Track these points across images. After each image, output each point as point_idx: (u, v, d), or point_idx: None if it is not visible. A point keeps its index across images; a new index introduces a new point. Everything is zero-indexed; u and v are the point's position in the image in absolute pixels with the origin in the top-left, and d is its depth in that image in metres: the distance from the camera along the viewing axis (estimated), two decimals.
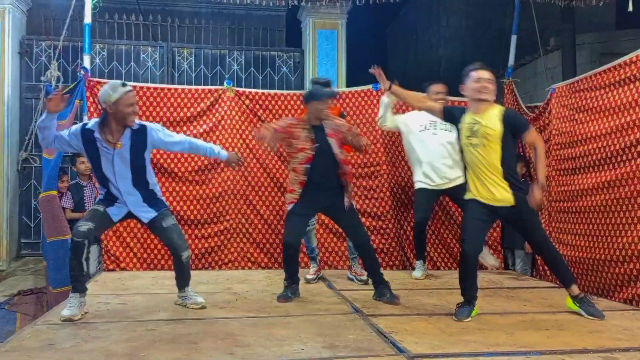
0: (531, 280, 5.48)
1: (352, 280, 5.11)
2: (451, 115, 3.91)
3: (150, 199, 3.85)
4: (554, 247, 4.11)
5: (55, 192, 5.43)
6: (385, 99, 5.24)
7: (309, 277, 5.06)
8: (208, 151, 4.04)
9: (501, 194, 3.67)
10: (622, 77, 4.63)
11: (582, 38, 8.37)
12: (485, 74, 3.74)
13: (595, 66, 6.86)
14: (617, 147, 4.61)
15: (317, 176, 4.18)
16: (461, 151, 3.87)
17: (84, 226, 3.60)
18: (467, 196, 3.82)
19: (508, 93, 6.53)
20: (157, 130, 3.84)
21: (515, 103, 6.45)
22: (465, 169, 3.89)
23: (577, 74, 6.52)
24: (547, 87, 5.99)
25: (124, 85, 3.67)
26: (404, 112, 5.75)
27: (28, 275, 6.96)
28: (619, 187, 4.57)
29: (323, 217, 5.89)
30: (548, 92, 5.77)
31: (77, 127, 3.77)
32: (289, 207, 4.27)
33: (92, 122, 3.76)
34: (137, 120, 3.78)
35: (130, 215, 3.84)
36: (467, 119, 3.75)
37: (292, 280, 4.35)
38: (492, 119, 3.67)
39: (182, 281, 4.00)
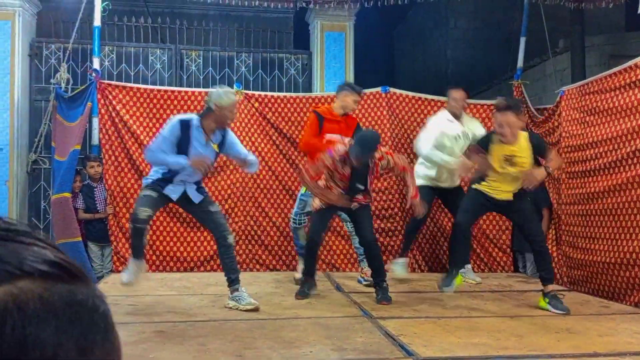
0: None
1: (360, 282, 5.09)
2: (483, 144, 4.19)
3: (201, 186, 4.24)
4: (546, 244, 4.48)
5: (68, 194, 5.45)
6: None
7: (300, 276, 4.89)
8: (254, 167, 4.40)
9: (508, 194, 4.13)
10: (633, 79, 4.60)
11: (592, 40, 8.31)
12: (512, 120, 4.00)
13: (604, 68, 6.82)
14: (628, 149, 4.58)
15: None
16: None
17: (145, 213, 3.97)
18: (475, 186, 4.20)
19: (517, 95, 6.50)
20: (233, 136, 4.26)
21: (524, 105, 6.42)
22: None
23: (587, 76, 6.48)
24: (556, 89, 5.96)
25: (234, 94, 4.14)
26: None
27: None
28: (630, 190, 4.53)
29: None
30: (557, 95, 5.74)
31: (175, 123, 3.96)
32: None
33: (193, 117, 4.03)
34: None
35: (182, 196, 4.09)
36: (498, 149, 4.03)
37: (310, 276, 4.42)
38: (522, 148, 4.03)
39: (234, 271, 4.09)
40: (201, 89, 6.16)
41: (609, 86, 4.90)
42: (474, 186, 4.25)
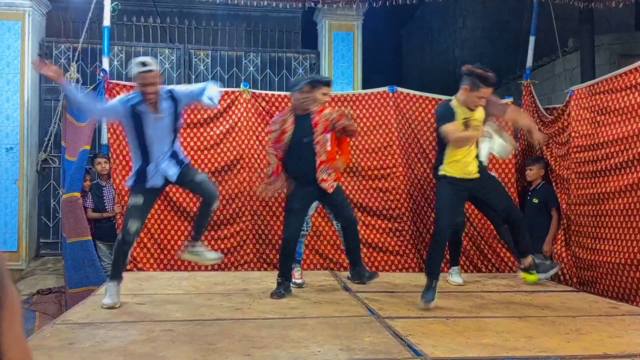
0: (550, 284, 5.42)
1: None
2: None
3: (177, 157, 4.04)
4: (522, 215, 4.48)
5: (78, 194, 5.48)
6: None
7: (299, 281, 4.89)
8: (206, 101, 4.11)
9: (474, 168, 4.20)
10: None
11: (601, 39, 8.26)
12: (489, 93, 4.13)
13: (614, 68, 6.78)
14: (639, 149, 4.55)
15: (294, 165, 4.35)
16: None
17: (134, 226, 3.88)
18: (442, 172, 4.18)
19: (526, 94, 6.47)
20: (180, 90, 4.05)
21: (533, 104, 6.39)
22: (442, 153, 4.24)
23: (596, 76, 6.44)
24: (566, 88, 5.92)
25: (144, 64, 3.82)
26: None
27: (47, 275, 7.04)
28: None
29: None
30: (567, 94, 5.71)
31: (121, 98, 3.97)
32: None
33: (134, 93, 3.92)
34: (164, 88, 3.97)
35: (164, 181, 4.02)
36: (461, 114, 4.16)
37: (285, 278, 4.46)
38: (479, 116, 4.21)
39: (200, 231, 4.18)
40: None
41: (619, 85, 4.86)
42: (440, 173, 4.18)
